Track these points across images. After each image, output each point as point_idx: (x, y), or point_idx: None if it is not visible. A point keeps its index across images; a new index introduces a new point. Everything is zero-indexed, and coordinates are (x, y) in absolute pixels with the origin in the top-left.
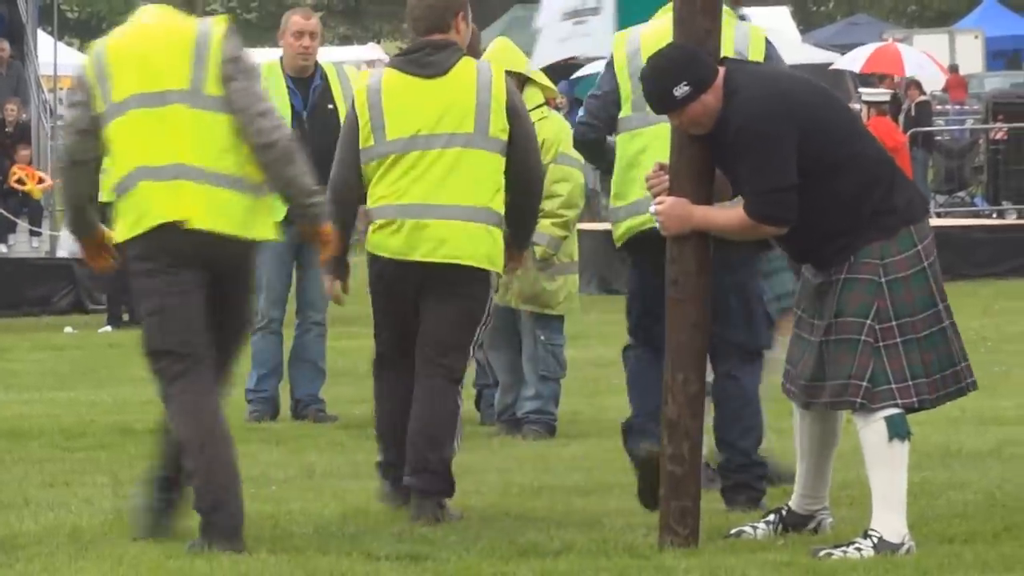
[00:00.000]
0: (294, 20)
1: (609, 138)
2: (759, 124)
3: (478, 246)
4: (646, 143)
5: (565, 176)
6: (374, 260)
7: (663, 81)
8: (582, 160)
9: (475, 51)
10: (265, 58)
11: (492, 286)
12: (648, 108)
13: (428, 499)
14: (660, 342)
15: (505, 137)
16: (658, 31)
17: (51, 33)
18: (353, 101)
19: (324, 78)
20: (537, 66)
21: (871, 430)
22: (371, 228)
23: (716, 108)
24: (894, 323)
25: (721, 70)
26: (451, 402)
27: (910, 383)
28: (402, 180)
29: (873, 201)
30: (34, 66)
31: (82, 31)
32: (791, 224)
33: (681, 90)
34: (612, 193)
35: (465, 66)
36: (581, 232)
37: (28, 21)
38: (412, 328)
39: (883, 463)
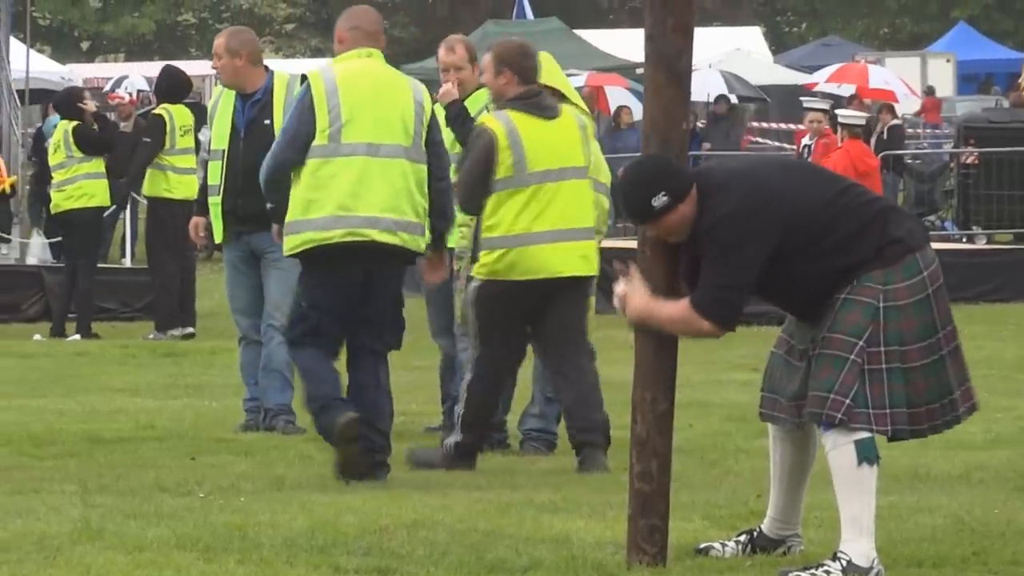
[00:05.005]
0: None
1: None
2: (726, 222)
3: None
4: (336, 170)
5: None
6: None
7: (641, 192)
8: (609, 184)
9: None
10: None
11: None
12: (341, 140)
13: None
14: (335, 342)
15: None
16: (351, 71)
17: (23, 40)
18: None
19: (268, 92)
20: None
21: (840, 453)
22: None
23: (692, 217)
24: (882, 349)
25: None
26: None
27: (887, 411)
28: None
29: (872, 242)
30: (6, 73)
31: (54, 38)
32: (728, 329)
33: (659, 200)
34: (300, 209)
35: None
36: None
37: (1, 28)
38: None
39: (852, 486)
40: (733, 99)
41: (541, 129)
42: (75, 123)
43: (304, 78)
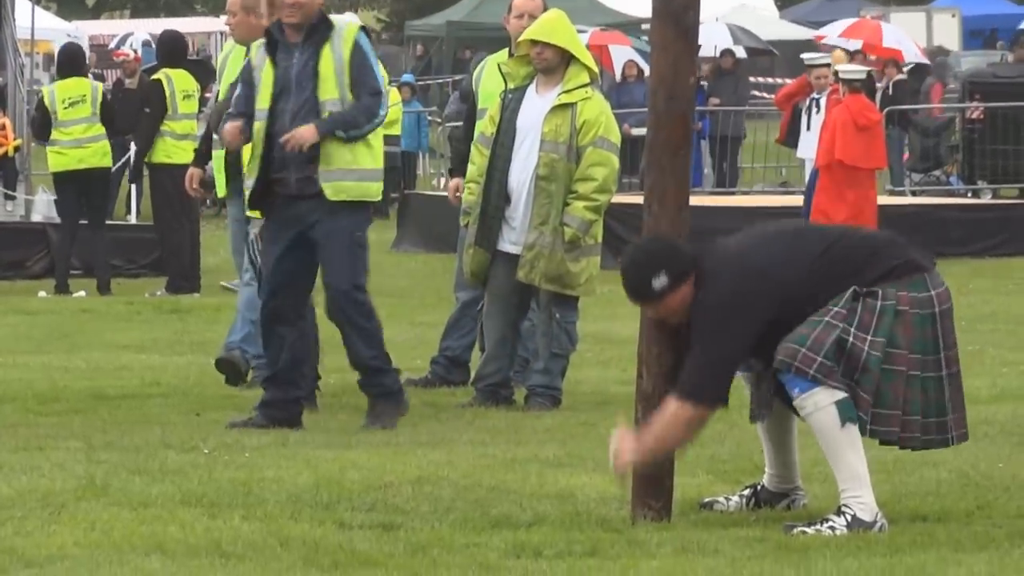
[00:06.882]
0: None
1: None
2: (714, 305)
3: None
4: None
5: (602, 160)
6: None
7: (642, 272)
8: (619, 144)
9: None
10: None
11: None
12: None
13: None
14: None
15: None
16: None
17: None
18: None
19: None
20: None
21: (825, 413)
22: None
23: (692, 299)
24: (869, 337)
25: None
26: None
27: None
28: None
29: (869, 276)
30: (11, 30)
31: None
32: (719, 405)
33: (660, 282)
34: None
35: None
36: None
37: None
38: None
39: (842, 444)
40: (740, 52)
41: None
42: (100, 84)
43: (364, 29)
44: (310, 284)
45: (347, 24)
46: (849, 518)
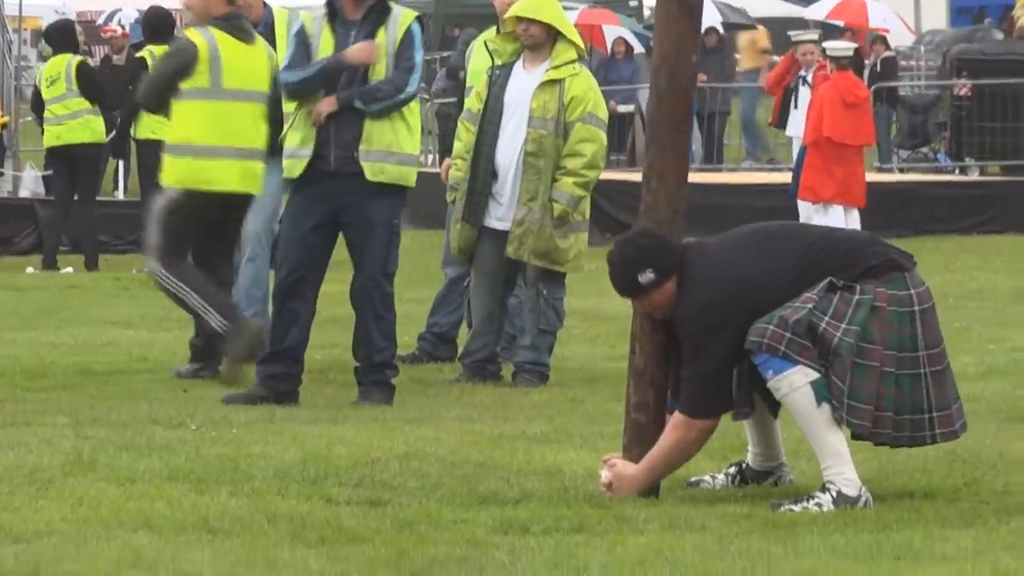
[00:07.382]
0: None
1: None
2: (697, 318)
3: None
4: None
5: (591, 136)
6: None
7: (629, 267)
8: (607, 120)
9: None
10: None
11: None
12: None
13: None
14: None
15: None
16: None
17: None
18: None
19: (269, 27)
20: None
21: (800, 394)
22: None
23: (676, 295)
24: (843, 325)
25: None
26: None
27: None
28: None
29: (847, 276)
30: None
31: None
32: (722, 412)
33: (646, 277)
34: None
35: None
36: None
37: None
38: None
39: (821, 423)
40: (720, 30)
41: (238, 50)
42: (79, 59)
43: (419, 19)
44: (328, 260)
45: (403, 11)
46: (834, 494)
